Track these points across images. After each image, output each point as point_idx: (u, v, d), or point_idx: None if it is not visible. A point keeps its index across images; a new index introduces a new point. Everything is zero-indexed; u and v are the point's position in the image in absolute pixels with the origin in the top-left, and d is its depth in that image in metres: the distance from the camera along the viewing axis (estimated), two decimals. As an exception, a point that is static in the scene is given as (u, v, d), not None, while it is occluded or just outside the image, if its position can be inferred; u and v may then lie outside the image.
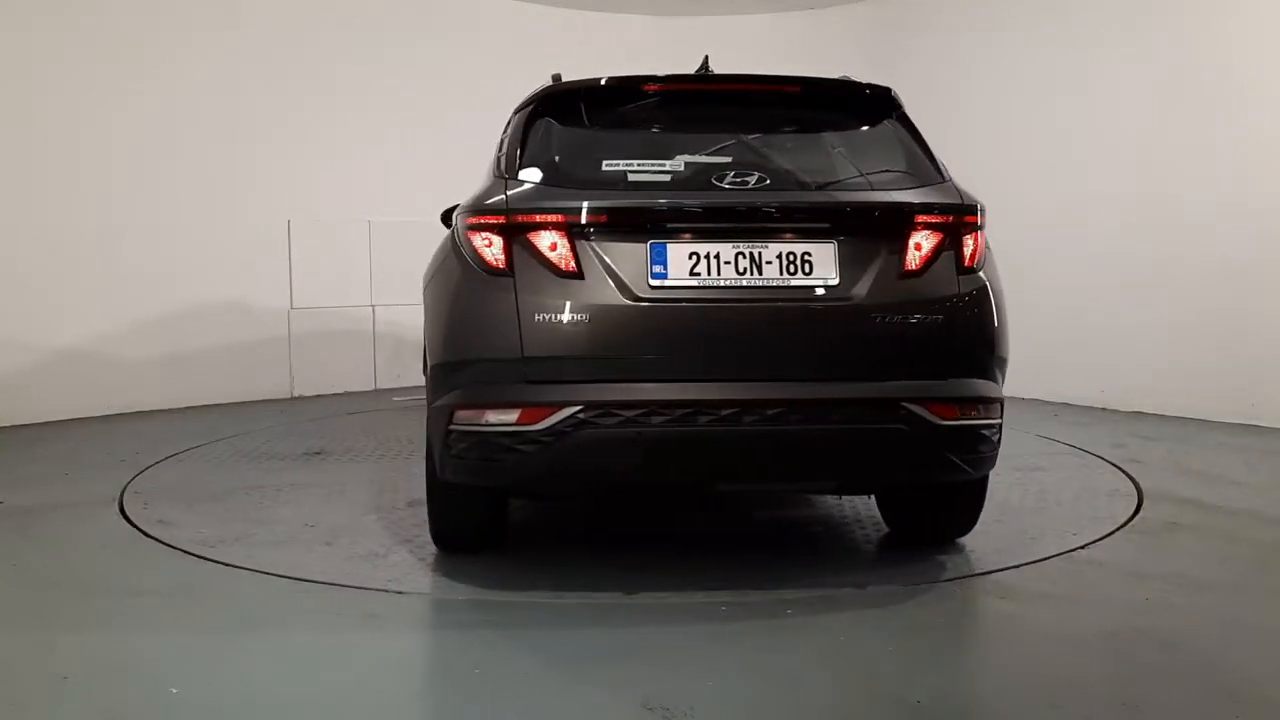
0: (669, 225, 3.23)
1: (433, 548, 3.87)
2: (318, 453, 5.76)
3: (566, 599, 3.42)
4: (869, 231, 3.28)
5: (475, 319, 3.28)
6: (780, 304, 3.19)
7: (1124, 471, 5.07)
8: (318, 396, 7.83)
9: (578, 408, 3.08)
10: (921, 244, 3.27)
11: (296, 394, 7.80)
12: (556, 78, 3.81)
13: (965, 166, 3.88)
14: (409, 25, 8.20)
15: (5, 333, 6.50)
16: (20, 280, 6.53)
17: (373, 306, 8.14)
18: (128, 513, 4.48)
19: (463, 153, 7.65)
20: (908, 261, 3.25)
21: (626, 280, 3.16)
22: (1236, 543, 4.03)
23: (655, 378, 3.15)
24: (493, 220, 3.27)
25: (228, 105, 7.34)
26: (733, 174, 3.32)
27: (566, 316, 3.15)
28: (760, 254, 3.20)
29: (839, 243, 3.22)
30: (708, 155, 3.47)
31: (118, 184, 6.91)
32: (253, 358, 7.56)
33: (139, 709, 2.66)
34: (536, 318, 3.15)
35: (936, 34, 8.11)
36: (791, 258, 3.20)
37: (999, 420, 3.33)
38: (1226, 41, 6.46)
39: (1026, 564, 3.74)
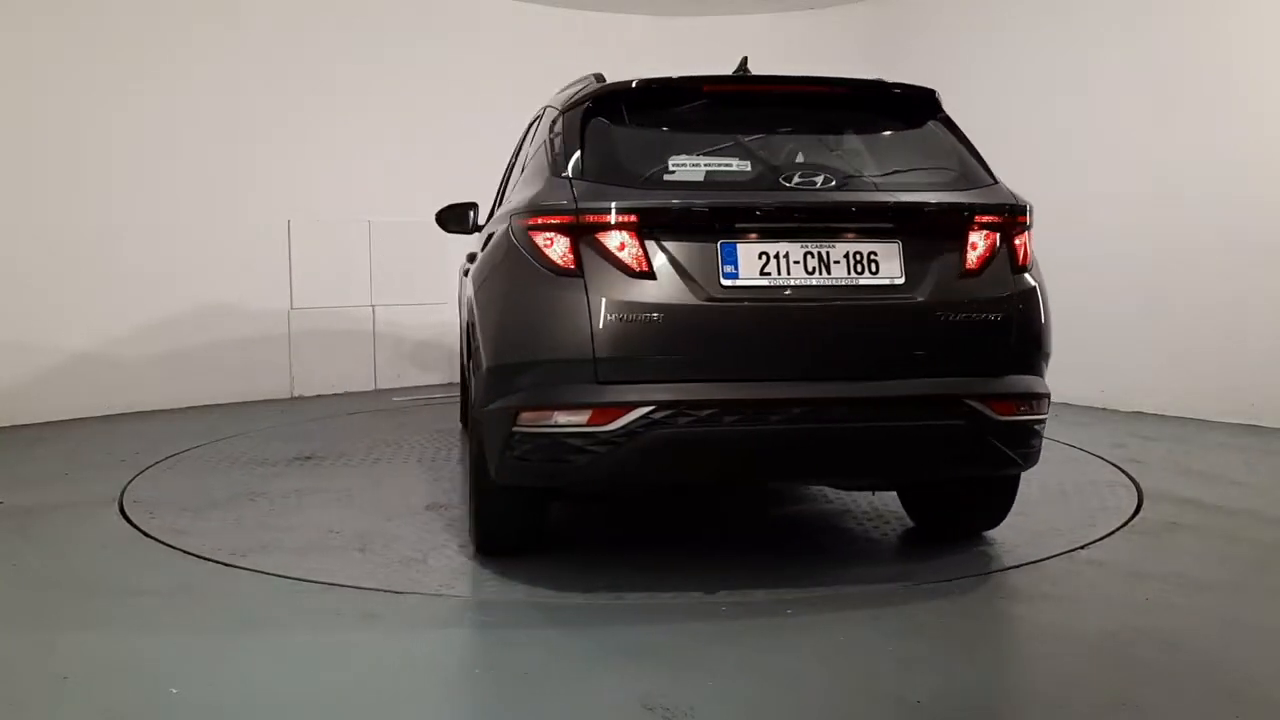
0: (740, 225, 3.23)
1: (469, 550, 3.85)
2: (322, 456, 5.75)
3: (567, 599, 3.42)
4: (930, 232, 3.34)
5: (542, 320, 3.23)
6: (849, 303, 3.23)
7: (1124, 471, 5.07)
8: (318, 397, 7.84)
9: (650, 408, 3.09)
10: (979, 244, 3.34)
11: (296, 394, 7.80)
12: (599, 77, 3.80)
13: (965, 166, 3.87)
14: (409, 25, 8.21)
15: (5, 333, 6.50)
16: (20, 280, 6.53)
17: (373, 306, 8.14)
18: (130, 515, 4.47)
19: (463, 153, 7.69)
20: (967, 261, 3.32)
21: (699, 280, 3.16)
22: (1236, 543, 4.03)
23: (727, 377, 3.17)
24: (561, 220, 3.23)
25: (228, 105, 7.34)
26: (799, 174, 3.35)
27: (640, 316, 3.13)
28: (828, 253, 3.23)
29: (902, 242, 3.27)
30: (770, 155, 3.51)
31: (118, 184, 6.92)
32: (253, 358, 7.56)
33: (139, 709, 2.66)
34: (609, 318, 3.13)
35: (936, 34, 8.11)
36: (858, 257, 3.24)
37: (1047, 415, 3.44)
38: (1227, 42, 6.46)
39: (1026, 564, 3.74)
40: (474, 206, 5.30)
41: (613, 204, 3.21)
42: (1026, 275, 3.42)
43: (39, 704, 2.69)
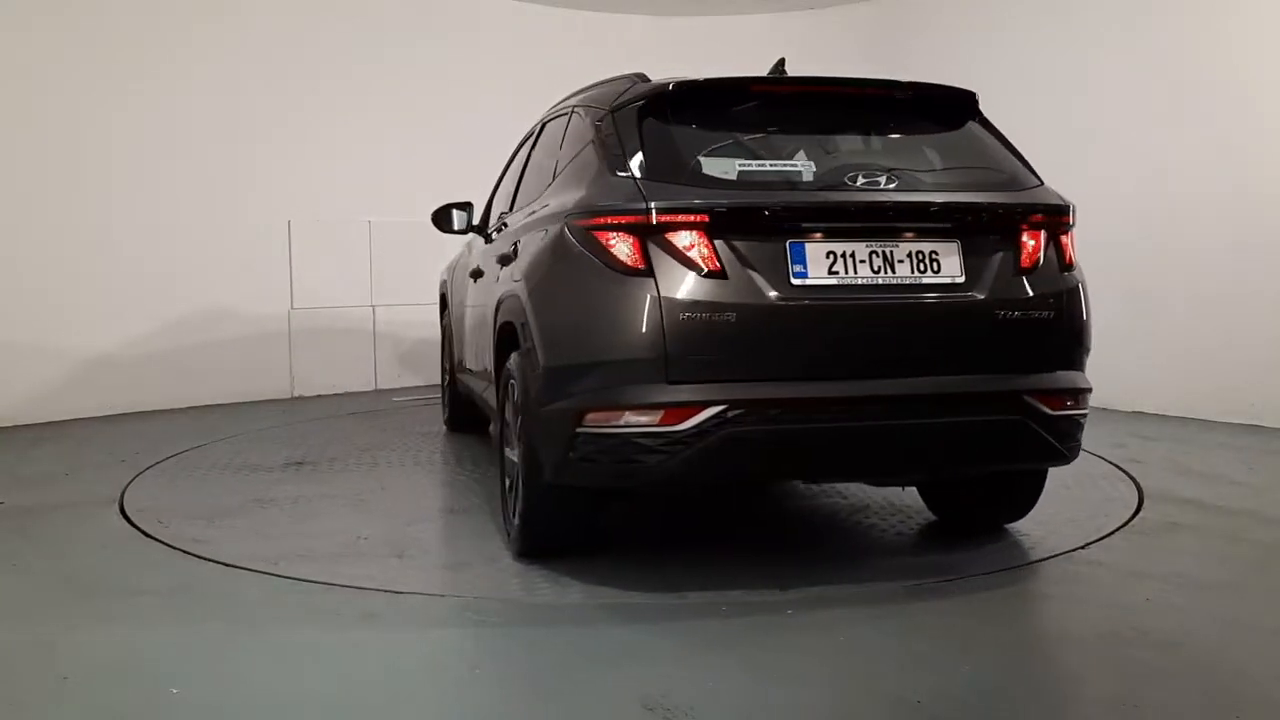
0: (809, 224, 3.25)
1: (505, 553, 3.83)
2: (326, 459, 5.75)
3: (567, 599, 3.43)
4: (987, 231, 3.40)
5: (611, 320, 3.20)
6: (914, 301, 3.28)
7: (1124, 471, 5.06)
8: (318, 397, 7.84)
9: (722, 407, 3.10)
10: (1031, 243, 3.42)
11: (297, 394, 7.80)
12: (641, 77, 3.80)
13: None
14: (409, 25, 8.21)
15: (5, 333, 6.50)
16: (20, 280, 6.54)
17: (373, 306, 8.14)
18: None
19: (463, 153, 7.70)
20: (1021, 260, 3.40)
21: (769, 279, 3.18)
22: (1236, 543, 4.03)
23: (798, 376, 3.21)
24: (630, 220, 3.22)
25: (228, 105, 7.34)
26: (862, 174, 3.40)
27: (712, 316, 3.13)
28: (892, 253, 3.28)
29: (961, 242, 3.34)
30: (827, 155, 3.53)
31: (118, 184, 6.92)
32: (253, 358, 7.56)
33: (139, 709, 2.66)
34: (682, 317, 3.13)
35: (937, 34, 8.11)
36: (921, 256, 3.30)
37: (1088, 410, 3.53)
38: (1227, 41, 6.46)
39: (1026, 564, 3.74)
40: (469, 206, 5.35)
41: (686, 203, 3.21)
42: (1072, 273, 3.51)
43: (39, 704, 2.69)
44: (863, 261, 3.25)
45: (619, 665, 2.91)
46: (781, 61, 3.94)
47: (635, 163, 3.37)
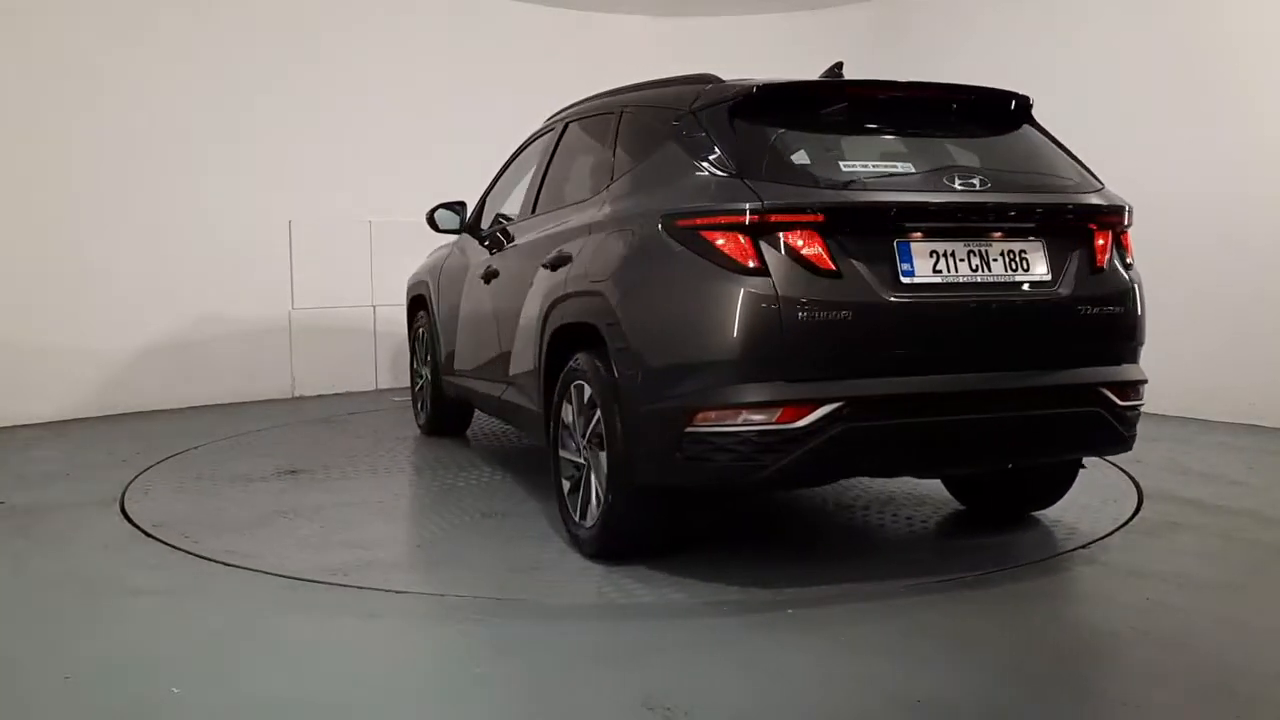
0: (915, 224, 3.33)
1: (573, 554, 3.82)
2: (331, 464, 5.75)
3: (568, 598, 3.43)
4: (1067, 230, 3.54)
5: (725, 318, 3.19)
6: (1009, 299, 3.41)
7: (1124, 471, 5.06)
8: (319, 396, 7.84)
9: (838, 404, 3.16)
10: (1102, 242, 3.58)
11: (298, 394, 7.80)
12: (710, 78, 3.81)
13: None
14: (409, 25, 8.21)
15: (5, 333, 6.50)
16: (20, 280, 6.53)
17: (373, 306, 8.14)
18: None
19: (463, 153, 7.69)
20: (1096, 258, 3.56)
21: (879, 277, 3.24)
22: (1236, 543, 4.03)
23: (906, 371, 3.28)
24: (744, 220, 3.22)
25: (228, 105, 7.34)
26: (957, 175, 3.48)
27: (829, 314, 3.17)
28: (987, 251, 3.40)
29: (1045, 241, 3.48)
30: (919, 157, 3.61)
31: (117, 184, 6.92)
32: (254, 358, 7.56)
33: (139, 709, 2.66)
34: (800, 316, 3.16)
35: (937, 35, 8.11)
36: (1012, 255, 3.43)
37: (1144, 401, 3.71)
38: (1227, 42, 6.46)
39: (1026, 564, 3.74)
40: (462, 206, 5.41)
41: (803, 202, 3.24)
42: (1133, 271, 3.69)
43: (40, 703, 2.70)
44: (962, 260, 3.36)
45: (619, 665, 2.91)
46: (839, 65, 3.98)
47: (736, 162, 3.37)
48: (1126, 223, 3.66)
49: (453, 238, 5.81)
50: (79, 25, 6.75)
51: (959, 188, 3.43)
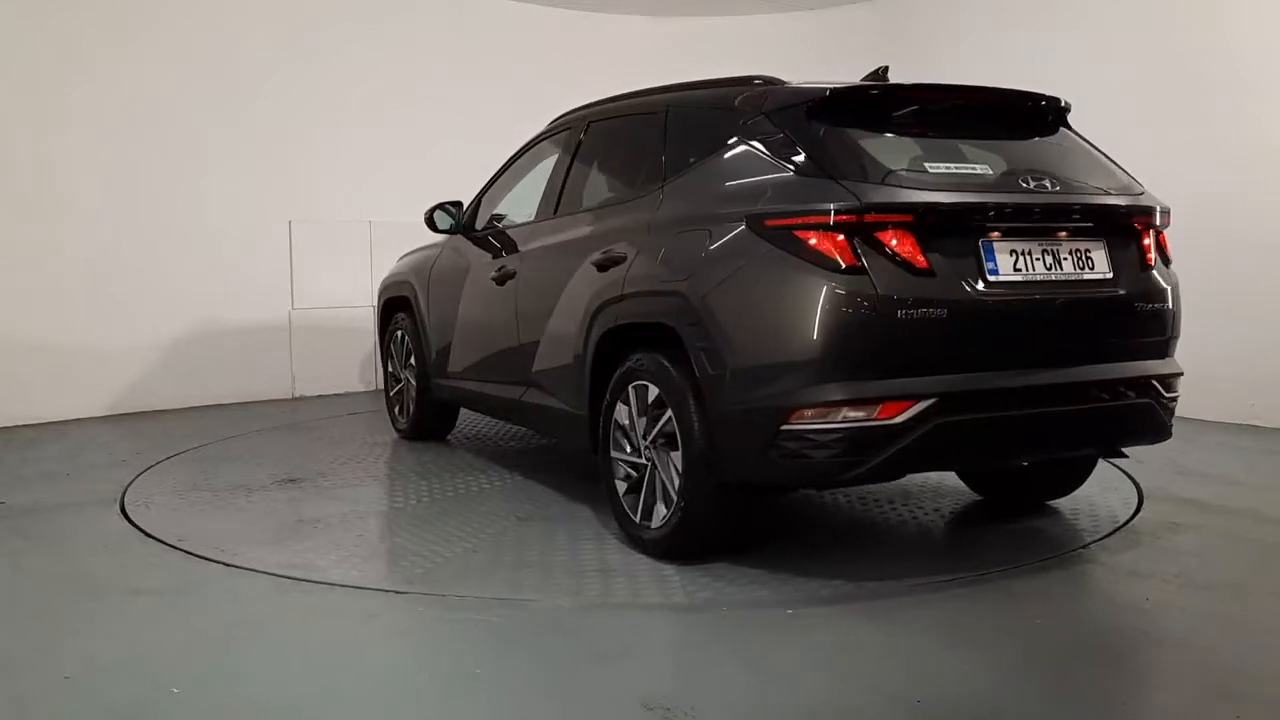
0: (998, 224, 3.44)
1: (636, 554, 3.81)
2: (336, 469, 5.74)
3: (567, 599, 3.43)
4: (1122, 230, 3.72)
5: (824, 317, 3.22)
6: (1079, 296, 3.56)
7: (1124, 471, 5.07)
8: (319, 397, 7.84)
9: (933, 399, 3.25)
10: (1148, 242, 3.78)
11: (298, 394, 7.80)
12: (770, 80, 3.87)
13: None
14: (409, 26, 8.21)
15: (5, 333, 6.50)
16: (20, 280, 6.53)
17: (373, 306, 8.12)
18: (130, 514, 4.48)
19: (463, 153, 7.68)
20: (1145, 257, 3.76)
21: (968, 276, 3.35)
22: (1236, 543, 4.04)
23: (993, 366, 3.40)
24: (845, 219, 3.25)
25: (229, 105, 7.34)
26: (1031, 177, 3.59)
27: (925, 312, 3.25)
28: (1057, 251, 3.54)
29: (1105, 241, 3.65)
30: (991, 160, 3.68)
31: (117, 184, 6.91)
32: (254, 358, 7.56)
33: (139, 709, 2.66)
34: (899, 314, 3.23)
35: (936, 35, 8.11)
36: (1079, 253, 3.59)
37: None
38: (1226, 42, 6.46)
39: (1026, 564, 3.74)
40: (460, 206, 5.39)
41: (901, 201, 3.30)
42: (1171, 269, 3.89)
43: (41, 703, 2.70)
44: (1037, 259, 3.49)
45: (619, 665, 2.91)
46: (885, 69, 4.04)
47: (824, 163, 3.41)
48: (1168, 223, 3.85)
49: (438, 239, 5.78)
50: (80, 25, 6.75)
51: (1034, 189, 3.55)
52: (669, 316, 3.64)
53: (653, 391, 3.72)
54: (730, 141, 3.74)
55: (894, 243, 3.26)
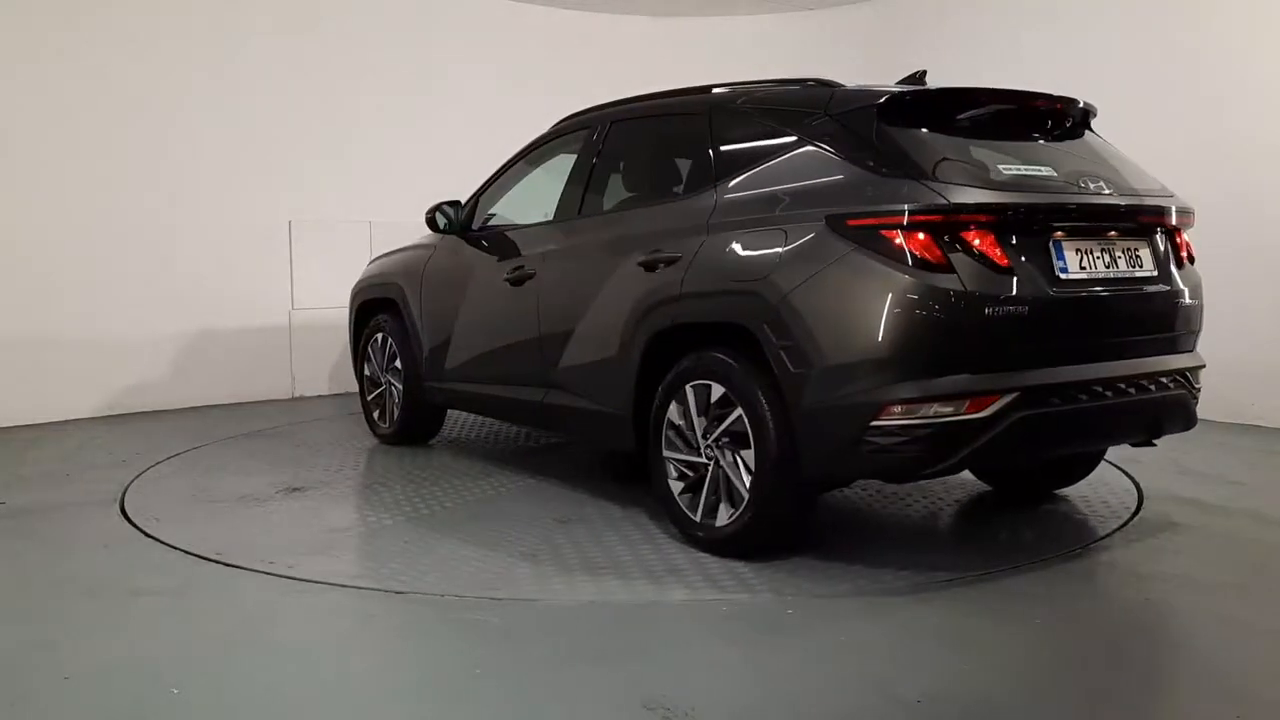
0: (1067, 223, 3.58)
1: (693, 552, 3.81)
2: (341, 476, 5.74)
3: (569, 598, 3.43)
4: (1161, 230, 3.91)
5: (915, 315, 3.30)
6: (1133, 292, 3.74)
7: (1124, 471, 5.07)
8: (319, 397, 7.84)
9: (1016, 393, 3.37)
10: (1179, 241, 3.98)
11: (298, 394, 7.80)
12: (824, 82, 3.97)
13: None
14: (409, 26, 8.21)
15: (5, 332, 6.50)
16: (20, 280, 6.53)
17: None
18: (129, 515, 4.47)
19: (463, 153, 7.69)
20: (1179, 256, 3.95)
21: (1042, 273, 3.47)
22: (1236, 543, 4.04)
23: (1063, 361, 3.54)
24: (933, 219, 3.33)
25: (228, 105, 7.34)
26: (1089, 179, 3.74)
27: (1006, 308, 3.37)
28: (1112, 250, 3.71)
29: (1149, 240, 3.84)
30: (1052, 162, 3.77)
31: (118, 183, 6.91)
32: (254, 358, 7.55)
33: (139, 709, 2.66)
34: (986, 311, 3.34)
35: (937, 36, 8.11)
36: (1130, 252, 3.77)
37: None
38: (1227, 40, 6.46)
39: (1026, 564, 3.74)
40: (457, 204, 5.35)
41: (986, 201, 3.41)
42: (1195, 267, 4.05)
43: (41, 703, 2.70)
44: (1098, 257, 3.65)
45: (619, 665, 2.91)
46: (923, 73, 4.14)
47: (903, 163, 3.46)
48: (1193, 223, 4.03)
49: (417, 240, 5.74)
50: (82, 26, 6.74)
51: (1093, 190, 3.69)
52: (743, 316, 3.66)
53: (717, 390, 3.74)
54: (794, 142, 3.78)
55: (977, 242, 3.36)
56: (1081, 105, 4.05)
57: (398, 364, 5.76)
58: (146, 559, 3.90)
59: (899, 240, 3.33)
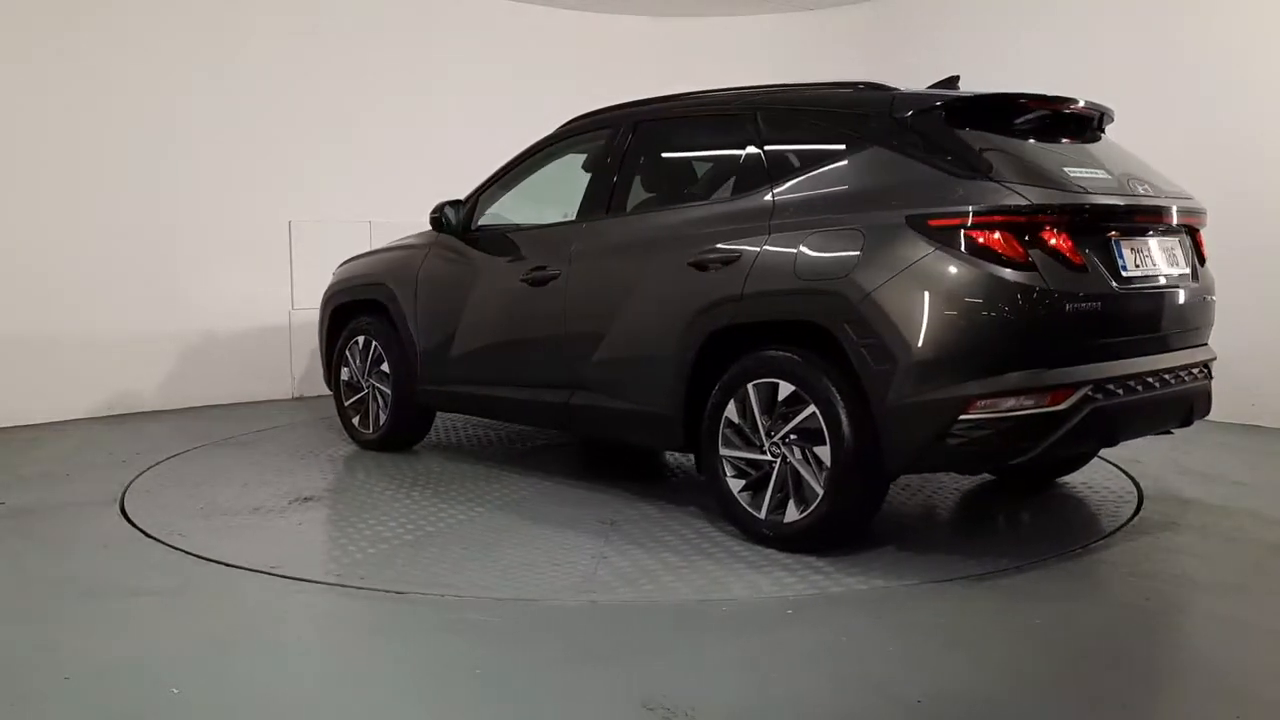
0: (1127, 223, 3.77)
1: (757, 549, 3.83)
2: (350, 481, 5.73)
3: (568, 599, 3.43)
4: (1187, 230, 4.10)
5: (1003, 311, 3.43)
6: (1174, 288, 3.92)
7: (1124, 471, 5.07)
8: (319, 397, 7.82)
9: (1089, 385, 3.54)
10: (1199, 240, 4.18)
11: (299, 394, 7.80)
12: (874, 85, 4.05)
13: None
14: (409, 26, 8.20)
15: (5, 332, 6.50)
16: (20, 280, 6.53)
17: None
18: (129, 515, 4.47)
19: (463, 153, 7.68)
20: (1200, 254, 4.17)
21: (1108, 271, 3.63)
22: (1236, 543, 4.04)
23: (1124, 354, 3.71)
24: (1017, 219, 3.46)
25: (228, 105, 7.34)
26: (1135, 181, 3.90)
27: (1082, 305, 3.53)
28: (1157, 249, 3.90)
29: (1179, 240, 4.04)
30: (1098, 165, 3.88)
31: (118, 183, 6.91)
32: (254, 358, 7.55)
33: (139, 709, 2.66)
34: (1067, 308, 3.49)
35: (936, 35, 8.11)
36: (1169, 251, 3.96)
37: None
38: (1227, 39, 6.46)
39: (1027, 564, 3.74)
40: (460, 204, 5.26)
41: (1066, 201, 3.56)
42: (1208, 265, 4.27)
43: (41, 704, 2.70)
44: (1147, 256, 3.83)
45: (619, 665, 2.91)
46: (956, 78, 4.24)
47: (980, 165, 3.57)
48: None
49: (400, 239, 5.68)
50: (82, 26, 6.74)
51: (1142, 192, 3.85)
52: (820, 314, 3.71)
53: (785, 388, 3.78)
54: (857, 144, 3.84)
55: (1054, 241, 3.49)
56: (1105, 110, 4.20)
57: (384, 367, 5.57)
58: (146, 559, 3.90)
59: (983, 239, 3.45)
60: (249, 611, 3.38)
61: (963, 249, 3.45)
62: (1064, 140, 3.97)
